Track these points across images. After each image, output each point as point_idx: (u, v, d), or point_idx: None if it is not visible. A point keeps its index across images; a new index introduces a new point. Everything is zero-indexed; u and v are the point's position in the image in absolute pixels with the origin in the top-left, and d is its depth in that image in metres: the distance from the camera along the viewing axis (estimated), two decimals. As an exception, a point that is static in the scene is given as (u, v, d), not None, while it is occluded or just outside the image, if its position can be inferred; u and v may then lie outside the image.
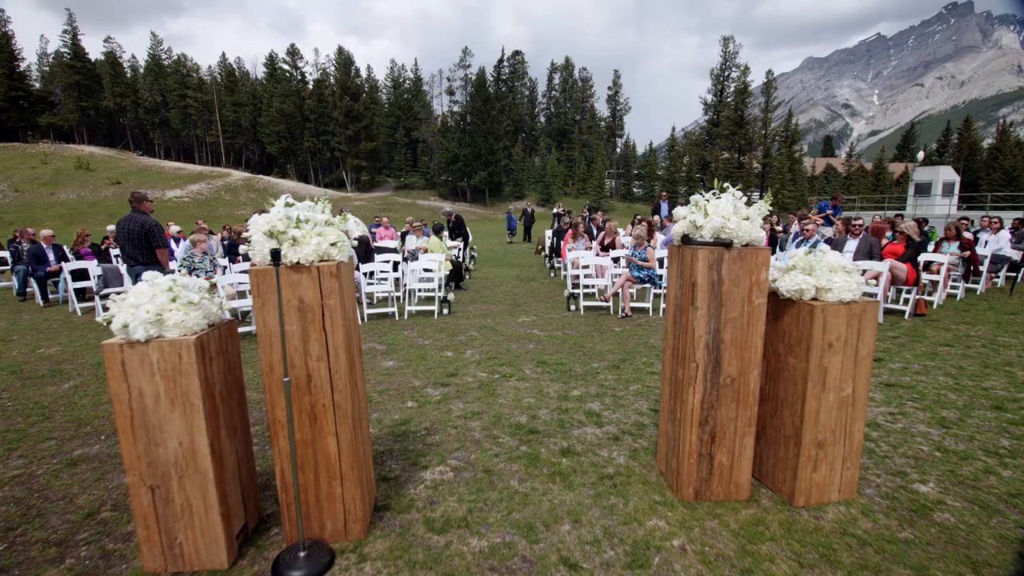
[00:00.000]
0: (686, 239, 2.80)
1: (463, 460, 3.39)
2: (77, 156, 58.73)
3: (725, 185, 2.85)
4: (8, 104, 61.38)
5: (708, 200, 2.81)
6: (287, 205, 2.46)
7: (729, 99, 61.35)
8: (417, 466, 3.33)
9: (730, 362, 2.76)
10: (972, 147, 71.56)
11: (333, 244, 2.43)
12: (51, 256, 9.77)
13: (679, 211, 2.89)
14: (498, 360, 5.57)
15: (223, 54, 70.82)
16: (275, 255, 2.18)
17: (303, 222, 2.40)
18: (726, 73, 62.06)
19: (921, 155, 30.20)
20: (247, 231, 2.44)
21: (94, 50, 68.81)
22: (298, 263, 2.34)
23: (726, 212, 2.69)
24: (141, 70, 68.52)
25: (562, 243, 11.70)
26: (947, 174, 28.79)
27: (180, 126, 65.90)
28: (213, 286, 6.99)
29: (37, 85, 67.70)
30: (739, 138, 59.75)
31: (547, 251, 14.80)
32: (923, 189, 29.14)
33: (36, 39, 71.04)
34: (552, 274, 12.10)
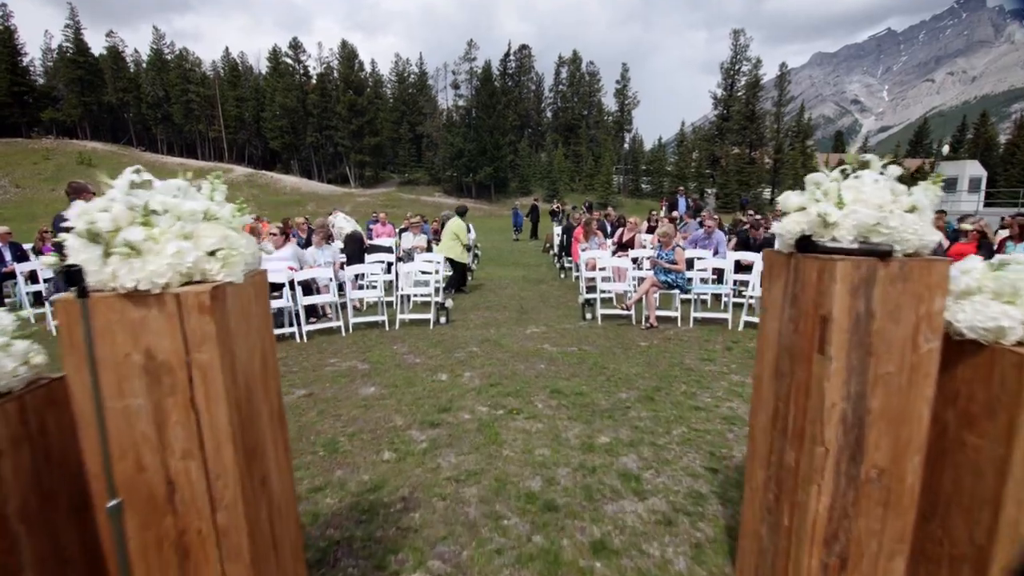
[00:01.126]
0: (804, 243, 1.74)
1: (451, 561, 2.35)
2: (79, 152, 58.11)
3: (865, 157, 1.79)
4: (11, 99, 60.82)
5: (839, 181, 1.74)
6: (136, 186, 1.42)
7: (740, 93, 59.91)
8: (384, 570, 2.29)
9: (878, 444, 1.71)
10: (988, 142, 69.92)
11: (213, 253, 1.39)
12: (7, 255, 8.80)
13: (790, 198, 1.82)
14: (503, 387, 4.53)
15: (226, 48, 70.21)
16: (71, 277, 1.15)
17: (156, 214, 1.36)
18: (736, 67, 60.59)
19: (947, 148, 28.77)
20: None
21: (97, 45, 68.22)
22: (136, 288, 1.29)
23: (882, 199, 1.63)
24: (144, 65, 67.84)
25: (572, 241, 10.64)
26: (974, 169, 27.52)
27: (183, 121, 65.18)
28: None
29: (41, 80, 67.19)
30: (750, 132, 58.32)
31: (555, 250, 13.77)
32: (948, 185, 27.86)
33: (40, 34, 70.24)
34: (562, 275, 11.04)
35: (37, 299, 8.05)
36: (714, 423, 3.78)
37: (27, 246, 9.48)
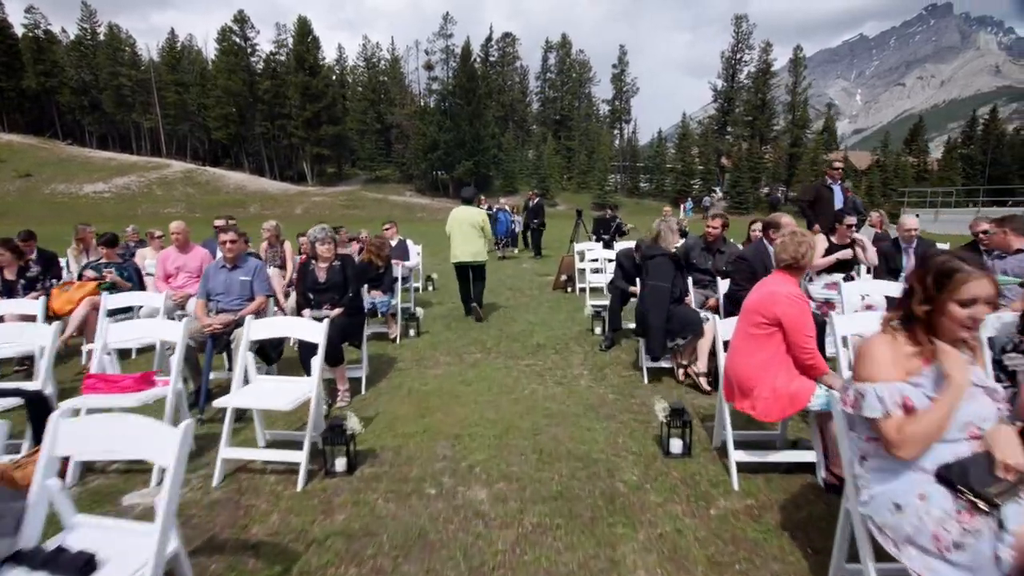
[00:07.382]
0: None
1: None
2: (-13, 145, 49.13)
3: None
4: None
5: None
6: None
7: (748, 81, 53.89)
8: None
9: None
10: (1000, 137, 65.65)
11: None
12: None
13: None
14: None
15: (172, 29, 61.19)
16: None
17: None
18: (739, 55, 54.62)
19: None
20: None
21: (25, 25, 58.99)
22: None
23: None
24: (68, 44, 58.72)
25: (672, 290, 3.51)
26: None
27: (114, 110, 56.30)
28: None
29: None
30: (760, 124, 52.16)
31: (586, 294, 6.69)
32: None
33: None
34: (635, 404, 3.69)
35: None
36: None
37: None
